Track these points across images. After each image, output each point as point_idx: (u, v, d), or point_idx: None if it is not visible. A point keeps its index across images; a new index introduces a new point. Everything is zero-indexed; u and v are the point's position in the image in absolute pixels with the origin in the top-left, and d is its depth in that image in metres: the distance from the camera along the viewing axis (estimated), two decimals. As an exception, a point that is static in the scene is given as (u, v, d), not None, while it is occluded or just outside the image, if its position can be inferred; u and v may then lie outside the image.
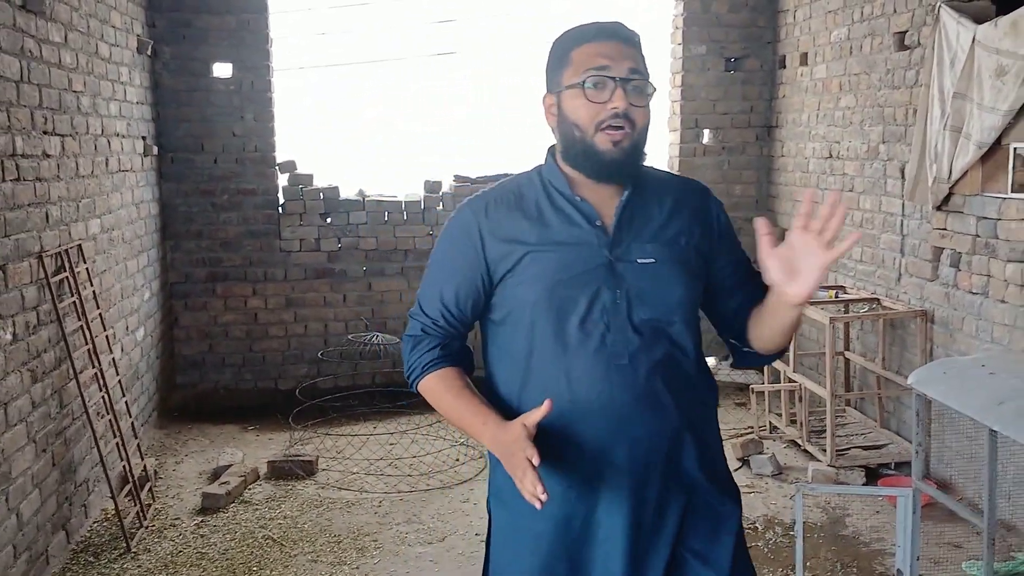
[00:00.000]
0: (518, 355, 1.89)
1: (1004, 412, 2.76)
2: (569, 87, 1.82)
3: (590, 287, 1.83)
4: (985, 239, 4.18)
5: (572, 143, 1.84)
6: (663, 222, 1.91)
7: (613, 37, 1.83)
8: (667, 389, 1.87)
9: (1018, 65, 3.80)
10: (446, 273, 1.93)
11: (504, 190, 1.94)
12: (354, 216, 6.38)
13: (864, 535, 4.15)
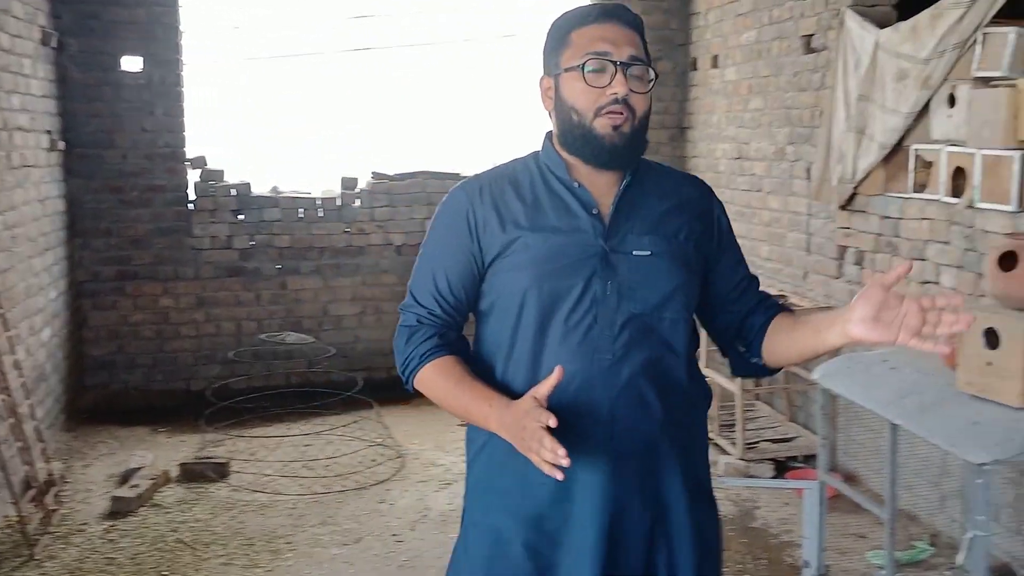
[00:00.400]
0: (501, 345, 1.83)
1: (905, 406, 2.86)
2: (568, 70, 1.77)
3: (582, 277, 1.77)
4: (887, 238, 4.33)
5: (570, 127, 1.78)
6: (663, 214, 1.84)
7: (615, 19, 1.78)
8: (652, 390, 1.79)
9: (918, 69, 3.94)
10: (439, 259, 1.86)
11: (499, 173, 1.88)
12: (267, 213, 6.28)
13: (773, 527, 4.26)
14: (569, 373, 1.72)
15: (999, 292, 2.68)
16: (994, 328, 2.66)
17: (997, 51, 3.57)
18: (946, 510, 3.99)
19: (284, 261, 6.32)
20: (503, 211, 1.81)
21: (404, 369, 1.88)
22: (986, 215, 3.61)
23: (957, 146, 3.79)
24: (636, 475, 1.79)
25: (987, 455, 2.46)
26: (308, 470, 4.97)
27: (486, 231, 1.81)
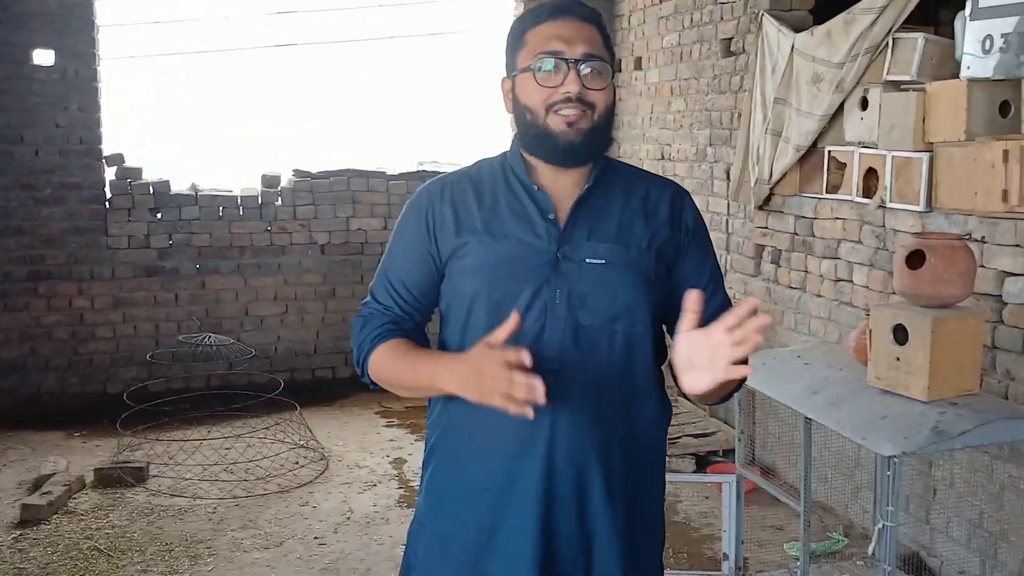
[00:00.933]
0: (453, 348, 1.77)
1: (817, 401, 2.93)
2: (522, 70, 1.72)
3: (531, 284, 1.70)
4: (802, 237, 4.43)
5: (526, 127, 1.74)
6: (624, 222, 1.76)
7: (569, 15, 1.73)
8: (600, 404, 1.72)
9: (832, 72, 4.05)
10: (398, 257, 1.83)
11: (464, 174, 1.84)
12: (186, 211, 6.16)
13: (694, 521, 4.33)
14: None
15: (907, 290, 2.77)
16: (902, 324, 2.74)
17: (907, 56, 3.69)
18: (859, 501, 4.11)
19: (203, 260, 6.21)
20: (460, 213, 1.77)
21: (358, 358, 1.83)
22: (896, 215, 3.72)
23: (869, 148, 3.90)
24: (572, 489, 1.72)
25: (895, 448, 2.53)
26: (229, 473, 4.89)
27: (442, 232, 1.77)
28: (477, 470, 1.76)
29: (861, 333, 3.05)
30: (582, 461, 1.72)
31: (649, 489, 1.83)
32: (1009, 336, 3.18)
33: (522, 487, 1.72)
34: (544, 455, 1.70)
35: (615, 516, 1.74)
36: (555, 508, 1.72)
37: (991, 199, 3.20)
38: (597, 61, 1.71)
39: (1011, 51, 3.20)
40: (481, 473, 1.75)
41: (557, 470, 1.71)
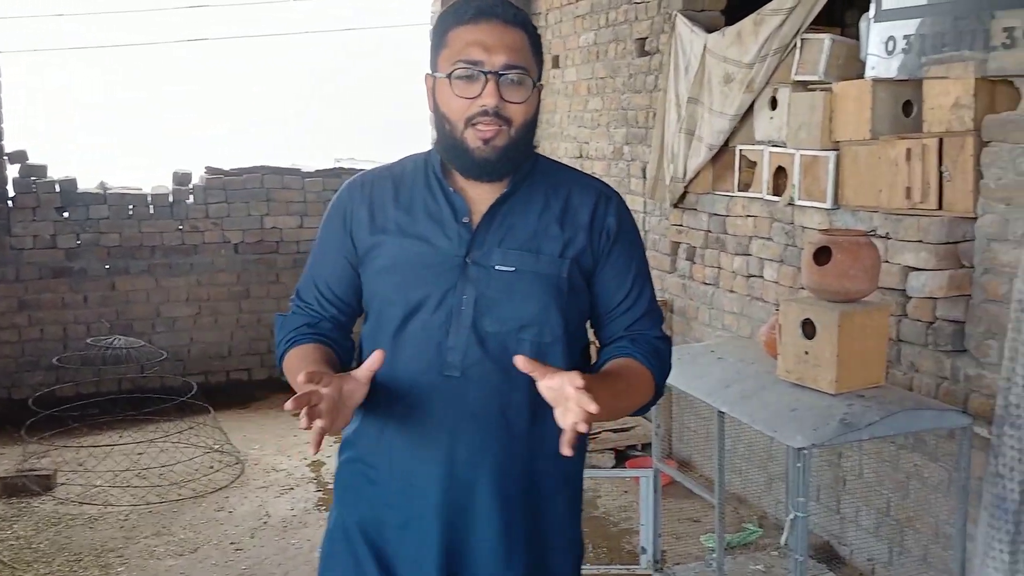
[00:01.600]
0: (366, 350, 1.74)
1: (729, 394, 2.99)
2: (440, 76, 1.66)
3: (439, 288, 1.67)
4: (716, 234, 4.51)
5: (443, 136, 1.68)
6: (540, 229, 1.70)
7: (493, 18, 1.63)
8: (504, 413, 1.67)
9: (742, 73, 4.12)
10: (319, 255, 1.81)
11: (388, 170, 1.80)
12: (94, 210, 5.98)
13: (614, 515, 4.37)
14: (416, 384, 1.67)
15: (815, 285, 2.83)
16: (810, 319, 2.81)
17: (814, 56, 3.78)
18: (772, 492, 4.20)
19: (113, 261, 6.04)
20: (376, 212, 1.74)
21: (277, 357, 1.82)
22: (804, 212, 3.81)
23: (778, 147, 3.99)
24: (468, 498, 1.69)
25: (805, 440, 2.59)
26: (141, 479, 4.77)
27: (358, 230, 1.74)
28: (382, 472, 1.74)
29: (771, 328, 3.11)
30: (479, 470, 1.68)
31: (559, 497, 1.78)
32: (913, 329, 3.29)
33: (423, 492, 1.70)
34: (443, 462, 1.68)
35: (512, 524, 1.70)
36: (455, 515, 1.69)
37: (895, 196, 3.30)
38: (518, 71, 1.62)
39: (913, 52, 3.30)
40: (386, 475, 1.74)
41: (456, 477, 1.68)
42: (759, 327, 3.94)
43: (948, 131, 3.12)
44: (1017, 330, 2.62)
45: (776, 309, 3.10)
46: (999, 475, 2.65)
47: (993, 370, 2.96)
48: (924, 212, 3.20)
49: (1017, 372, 2.62)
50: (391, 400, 1.69)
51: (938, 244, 3.14)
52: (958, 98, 3.08)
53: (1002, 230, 2.93)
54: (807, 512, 2.69)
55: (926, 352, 3.24)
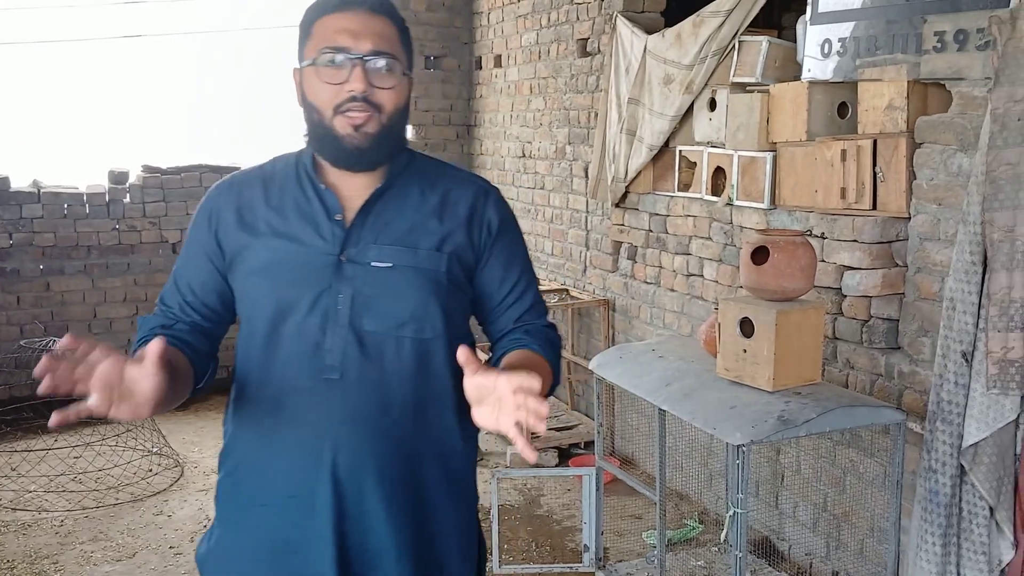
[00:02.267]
0: (240, 354, 1.71)
1: (670, 392, 3.02)
2: (308, 64, 1.62)
3: (313, 288, 1.62)
4: (656, 234, 4.55)
5: (313, 126, 1.65)
6: (417, 223, 1.68)
7: (358, 6, 1.62)
8: (387, 414, 1.64)
9: (682, 74, 4.17)
10: (185, 260, 1.74)
11: (257, 171, 1.75)
12: (28, 209, 5.83)
13: (557, 513, 4.39)
14: (294, 386, 1.63)
15: (752, 284, 2.87)
16: (748, 318, 2.85)
17: (751, 58, 3.83)
18: (713, 488, 4.25)
19: (47, 261, 5.90)
20: (245, 213, 1.69)
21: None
22: (742, 212, 3.87)
23: (717, 148, 4.04)
24: (357, 503, 1.65)
25: (743, 437, 2.63)
26: (77, 484, 4.66)
27: (225, 234, 1.69)
28: (265, 485, 1.67)
29: (711, 326, 3.15)
30: (364, 473, 1.64)
31: (449, 498, 1.75)
32: (848, 327, 3.35)
33: (310, 506, 1.64)
34: (329, 467, 1.63)
35: (403, 529, 1.67)
36: (345, 521, 1.65)
37: (830, 197, 3.36)
38: (386, 57, 1.60)
39: (848, 55, 3.36)
40: (268, 489, 1.67)
41: (342, 483, 1.63)
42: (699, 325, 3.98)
43: (882, 132, 3.19)
44: (948, 327, 2.69)
45: (715, 308, 3.14)
46: (932, 470, 2.72)
47: (926, 367, 3.04)
48: (859, 212, 3.27)
49: (948, 369, 2.68)
50: (268, 407, 1.65)
51: (872, 243, 3.20)
52: (891, 100, 3.15)
53: (934, 229, 3.00)
54: (746, 508, 2.73)
55: (861, 349, 3.31)
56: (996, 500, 2.60)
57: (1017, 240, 2.51)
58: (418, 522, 1.70)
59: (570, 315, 5.38)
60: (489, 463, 4.98)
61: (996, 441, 2.59)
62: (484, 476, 4.77)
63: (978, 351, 2.61)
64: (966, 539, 2.68)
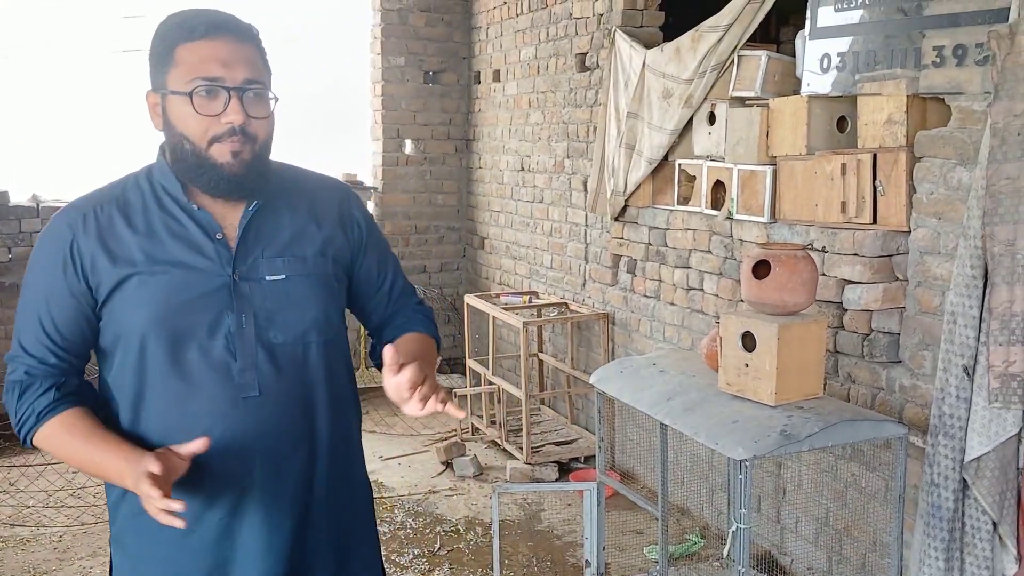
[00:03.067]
0: (127, 388, 1.65)
1: (672, 407, 3.01)
2: (175, 93, 1.58)
3: (210, 311, 1.62)
4: (656, 247, 4.55)
5: (183, 155, 1.61)
6: (296, 232, 1.73)
7: (226, 34, 1.59)
8: (307, 422, 1.71)
9: (681, 88, 4.18)
10: (42, 300, 1.63)
11: (107, 196, 1.67)
12: (27, 223, 5.83)
13: (558, 528, 4.38)
14: (212, 412, 1.63)
15: (754, 298, 2.87)
16: (750, 332, 2.85)
17: (751, 73, 3.84)
18: (714, 503, 4.24)
19: (46, 276, 5.89)
20: (112, 243, 1.62)
21: (20, 428, 1.65)
22: (742, 226, 3.87)
23: (716, 161, 4.04)
24: (294, 512, 1.72)
25: (746, 452, 2.62)
26: (76, 499, 4.65)
27: (94, 268, 1.61)
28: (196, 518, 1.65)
29: (712, 340, 3.15)
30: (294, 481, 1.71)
31: (361, 503, 1.88)
32: (850, 341, 3.35)
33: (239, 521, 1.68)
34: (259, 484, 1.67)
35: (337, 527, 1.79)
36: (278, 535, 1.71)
37: (830, 210, 3.37)
38: (258, 87, 1.62)
39: (847, 69, 3.37)
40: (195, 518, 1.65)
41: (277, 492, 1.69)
42: (700, 339, 3.98)
43: (881, 147, 3.20)
44: (949, 341, 2.69)
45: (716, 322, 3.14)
46: (934, 484, 2.71)
47: (927, 381, 3.04)
48: (859, 226, 3.27)
49: (950, 383, 2.68)
50: (181, 435, 1.60)
51: (873, 257, 3.21)
52: (891, 114, 3.15)
53: (934, 243, 3.01)
54: (749, 523, 2.72)
55: (862, 363, 3.31)
56: (999, 515, 2.60)
57: (1018, 254, 2.51)
58: (349, 520, 1.83)
59: (570, 329, 5.38)
60: (489, 478, 4.97)
61: (998, 455, 2.59)
62: (487, 491, 4.77)
63: (979, 365, 2.61)
64: (969, 553, 2.67)
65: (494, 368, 5.53)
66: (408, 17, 6.70)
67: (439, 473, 5.06)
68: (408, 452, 5.39)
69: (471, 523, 4.42)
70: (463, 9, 6.82)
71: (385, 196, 6.86)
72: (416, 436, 5.68)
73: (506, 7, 6.19)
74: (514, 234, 6.26)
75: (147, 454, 1.54)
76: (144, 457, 1.53)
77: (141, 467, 1.49)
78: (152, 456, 1.52)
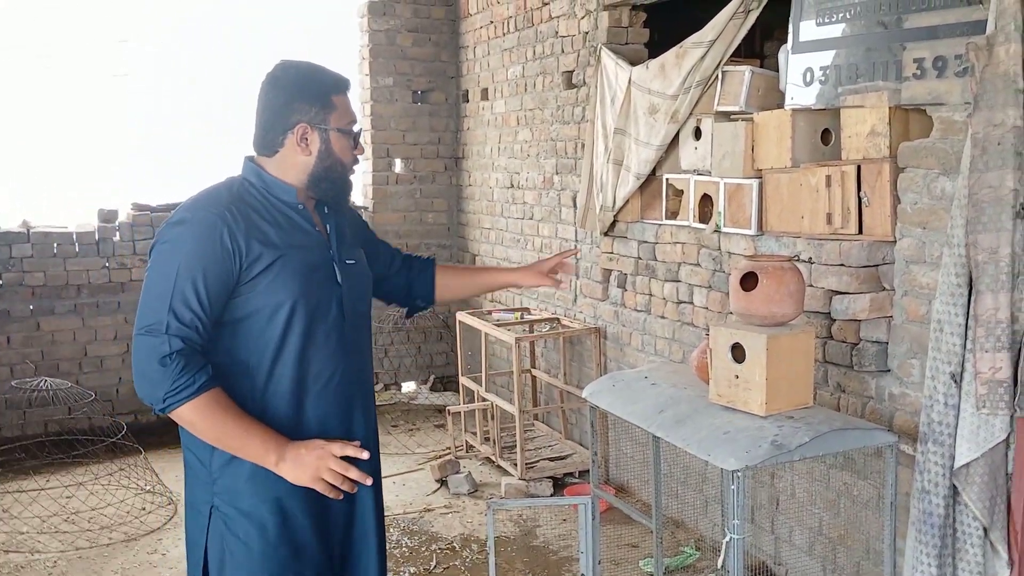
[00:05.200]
0: (263, 353, 2.05)
1: (664, 419, 3.02)
2: (339, 131, 2.14)
3: (328, 284, 2.13)
4: (646, 261, 4.59)
5: (334, 176, 2.16)
6: (349, 228, 2.29)
7: (350, 91, 2.20)
8: (369, 376, 2.30)
9: (666, 104, 4.22)
10: (199, 272, 1.96)
11: (229, 197, 2.07)
12: (17, 249, 5.84)
13: (553, 544, 4.38)
14: (334, 364, 2.14)
15: (742, 310, 2.90)
16: (740, 343, 2.87)
17: (735, 88, 3.88)
18: (708, 515, 4.25)
19: (38, 301, 5.90)
20: (257, 233, 2.04)
21: (172, 395, 1.93)
22: (730, 238, 3.91)
23: (703, 175, 4.08)
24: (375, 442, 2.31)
25: (738, 462, 2.64)
26: (70, 524, 4.64)
27: (248, 251, 2.01)
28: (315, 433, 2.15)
29: (702, 352, 3.17)
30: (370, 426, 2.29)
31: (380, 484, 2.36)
32: (838, 350, 3.38)
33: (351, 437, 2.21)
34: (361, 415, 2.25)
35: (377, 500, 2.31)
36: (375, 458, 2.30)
37: (816, 222, 3.40)
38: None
39: (830, 82, 3.42)
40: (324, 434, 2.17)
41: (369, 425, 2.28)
42: (690, 352, 4.00)
43: (865, 158, 3.23)
44: (937, 349, 2.72)
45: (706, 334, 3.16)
46: (925, 491, 2.74)
47: (916, 388, 3.06)
48: (845, 237, 3.31)
49: (938, 390, 2.71)
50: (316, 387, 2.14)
51: (859, 267, 3.24)
52: (874, 126, 3.20)
53: (920, 253, 3.04)
54: (743, 533, 2.73)
55: (851, 373, 3.33)
56: (990, 520, 2.62)
57: (1001, 261, 2.54)
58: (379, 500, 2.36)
59: (561, 343, 5.40)
60: (484, 495, 4.98)
61: (988, 461, 2.62)
62: (482, 508, 4.77)
63: (967, 372, 2.64)
64: (961, 559, 2.69)
65: (487, 385, 5.54)
66: (396, 38, 6.75)
67: (434, 491, 5.06)
68: (402, 470, 5.39)
69: (467, 540, 4.42)
70: (450, 29, 6.88)
71: (376, 215, 6.89)
72: (410, 454, 5.68)
73: (493, 26, 6.24)
74: (505, 251, 6.29)
75: (302, 444, 2.05)
76: (301, 446, 2.04)
77: (327, 449, 2.03)
78: (334, 443, 2.07)
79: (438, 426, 6.27)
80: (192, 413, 1.95)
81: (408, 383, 7.10)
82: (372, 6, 6.73)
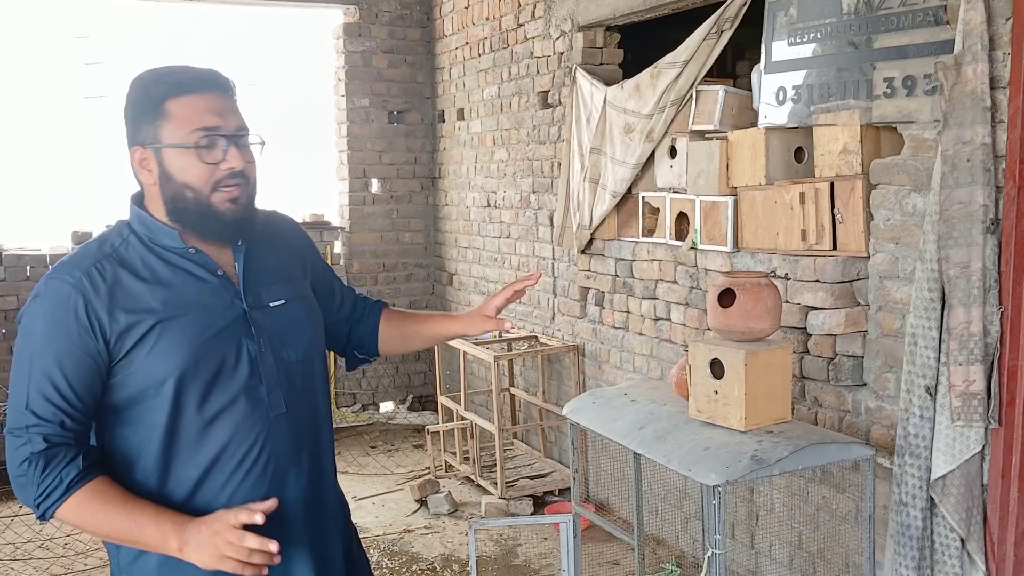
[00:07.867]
0: (153, 436, 1.69)
1: (644, 436, 3.04)
2: (174, 146, 1.67)
3: (232, 342, 1.72)
4: (623, 279, 4.62)
5: (185, 204, 1.70)
6: (279, 262, 1.88)
7: (215, 88, 1.72)
8: (318, 431, 1.88)
9: (641, 123, 4.26)
10: (52, 362, 1.63)
11: (98, 253, 1.71)
12: (-10, 274, 5.79)
13: (534, 562, 4.38)
14: (251, 433, 1.74)
15: (720, 326, 2.92)
16: (718, 359, 2.89)
17: (709, 107, 3.93)
18: (689, 531, 4.27)
19: (10, 325, 5.84)
20: (125, 298, 1.67)
21: (43, 500, 1.62)
22: (706, 255, 3.94)
23: (679, 193, 4.12)
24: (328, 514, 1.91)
25: (718, 478, 2.66)
26: (44, 551, 4.58)
27: (112, 326, 1.65)
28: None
29: (681, 368, 3.19)
30: (328, 476, 1.92)
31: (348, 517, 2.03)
32: (815, 365, 3.41)
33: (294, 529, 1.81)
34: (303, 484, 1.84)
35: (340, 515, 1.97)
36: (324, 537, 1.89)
37: (791, 238, 3.45)
38: (247, 132, 1.76)
39: (802, 101, 3.47)
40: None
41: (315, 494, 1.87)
42: (669, 368, 4.03)
43: (838, 175, 3.28)
44: (911, 363, 2.76)
45: (685, 351, 3.18)
46: (902, 503, 2.77)
47: (892, 402, 3.10)
48: (819, 253, 3.35)
49: (913, 403, 2.75)
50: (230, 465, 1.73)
51: (834, 283, 3.28)
52: (846, 144, 3.25)
53: (893, 268, 3.09)
54: (723, 549, 2.75)
55: (828, 387, 3.37)
56: (967, 531, 2.65)
57: (973, 276, 2.59)
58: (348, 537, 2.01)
59: (540, 361, 5.42)
60: (464, 515, 4.97)
61: (963, 473, 2.65)
62: (462, 528, 4.76)
63: (941, 385, 2.68)
64: (939, 571, 2.72)
65: (466, 404, 5.54)
66: (371, 59, 6.78)
67: (413, 511, 5.04)
68: (381, 491, 5.37)
69: (447, 561, 4.41)
70: (425, 50, 6.91)
71: (353, 235, 6.89)
72: (389, 475, 5.66)
73: (468, 47, 6.28)
74: (482, 269, 6.30)
75: (201, 520, 1.63)
76: (200, 522, 1.62)
77: (223, 521, 1.60)
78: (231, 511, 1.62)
79: (417, 446, 6.26)
80: (70, 514, 1.64)
81: (386, 403, 7.09)
82: (348, 28, 6.76)
